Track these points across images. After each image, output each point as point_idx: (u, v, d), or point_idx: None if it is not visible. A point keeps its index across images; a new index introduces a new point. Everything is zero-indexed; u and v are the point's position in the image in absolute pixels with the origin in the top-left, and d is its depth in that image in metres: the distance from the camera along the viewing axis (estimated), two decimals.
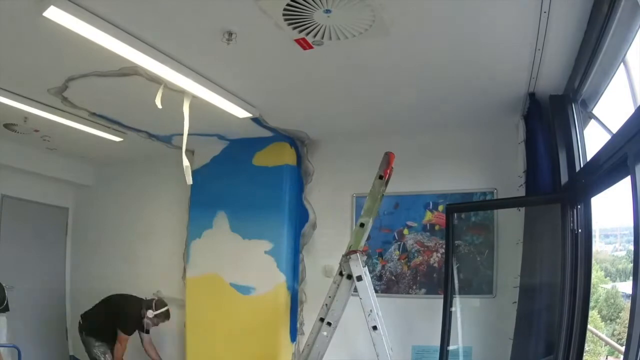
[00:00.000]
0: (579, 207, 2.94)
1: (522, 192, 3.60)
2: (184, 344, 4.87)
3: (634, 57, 2.32)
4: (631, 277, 2.04)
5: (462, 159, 4.31)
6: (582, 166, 3.05)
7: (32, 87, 3.63)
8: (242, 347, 4.51)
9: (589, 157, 3.02)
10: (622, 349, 3.19)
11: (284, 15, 2.47)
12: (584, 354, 2.91)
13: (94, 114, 4.16)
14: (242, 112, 3.90)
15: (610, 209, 3.45)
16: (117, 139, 4.88)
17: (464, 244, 4.16)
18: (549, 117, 3.36)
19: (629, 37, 2.25)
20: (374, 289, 4.40)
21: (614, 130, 2.40)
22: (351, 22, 2.54)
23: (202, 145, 5.06)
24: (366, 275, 3.13)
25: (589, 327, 3.07)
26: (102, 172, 6.21)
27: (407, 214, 4.44)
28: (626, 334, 2.06)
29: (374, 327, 2.81)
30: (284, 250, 4.59)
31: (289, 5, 2.38)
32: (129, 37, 2.72)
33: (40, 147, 5.30)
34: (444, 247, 4.01)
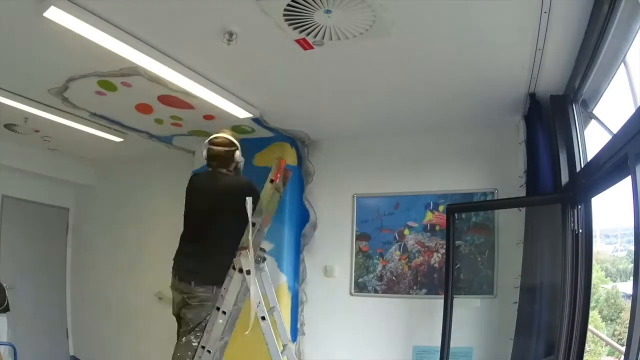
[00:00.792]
0: (580, 207, 2.94)
1: (522, 193, 3.60)
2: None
3: (634, 57, 2.32)
4: (632, 277, 2.04)
5: (463, 159, 4.31)
6: (582, 166, 3.05)
7: (32, 87, 3.64)
8: (243, 347, 4.50)
9: (589, 158, 3.02)
10: (623, 349, 3.19)
11: (285, 15, 2.48)
12: (585, 354, 2.91)
13: (94, 114, 4.16)
14: (242, 113, 3.91)
15: (610, 209, 3.45)
16: (118, 139, 4.89)
17: (465, 244, 4.16)
18: (549, 118, 3.36)
19: (630, 37, 2.25)
20: (375, 290, 4.43)
21: (615, 130, 2.40)
22: (352, 22, 2.54)
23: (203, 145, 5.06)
24: (262, 270, 3.43)
25: (590, 327, 3.07)
26: (102, 172, 6.22)
27: (408, 214, 4.43)
28: (626, 334, 2.06)
29: (262, 318, 3.05)
30: (285, 250, 4.59)
31: (289, 5, 2.38)
32: (130, 38, 2.72)
33: (40, 147, 5.31)
34: (445, 247, 4.01)
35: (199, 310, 3.27)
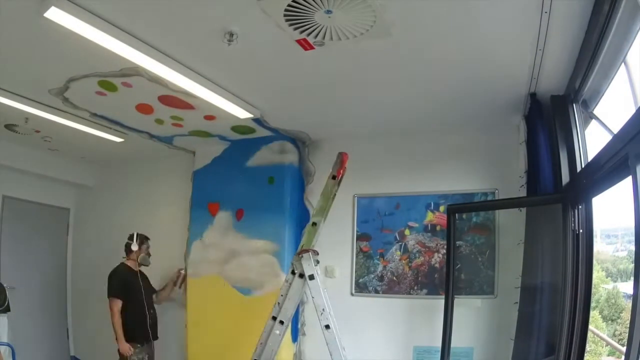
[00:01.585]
0: (580, 207, 2.94)
1: (523, 193, 3.60)
2: (184, 345, 4.87)
3: (634, 57, 2.32)
4: (632, 278, 2.04)
5: (463, 159, 4.31)
6: (583, 166, 3.05)
7: (33, 87, 3.63)
8: (243, 348, 4.50)
9: (590, 158, 3.02)
10: (623, 349, 3.19)
11: (285, 15, 2.48)
12: (585, 355, 2.91)
13: (94, 114, 4.16)
14: (243, 113, 3.91)
15: (611, 209, 3.45)
16: (118, 140, 4.89)
17: (465, 244, 4.16)
18: (550, 118, 3.36)
19: (630, 38, 2.25)
20: (376, 290, 4.43)
21: (615, 130, 2.40)
22: (352, 22, 2.54)
23: (203, 146, 5.07)
24: (318, 274, 3.17)
25: (590, 327, 3.07)
26: (103, 172, 6.22)
27: (408, 215, 4.43)
28: (627, 335, 2.06)
29: (327, 326, 2.88)
30: (286, 250, 4.59)
31: (290, 5, 2.38)
32: (130, 38, 2.72)
33: (41, 147, 5.31)
34: (445, 247, 4.01)
35: None
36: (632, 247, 2.10)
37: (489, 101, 3.72)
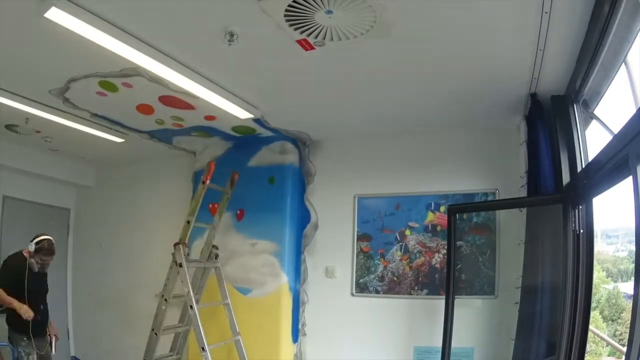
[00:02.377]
0: (581, 207, 2.94)
1: (523, 193, 3.60)
2: (185, 345, 4.87)
3: (635, 57, 2.32)
4: (633, 278, 2.04)
5: (464, 159, 4.31)
6: (583, 167, 3.05)
7: (33, 88, 3.64)
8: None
9: (590, 158, 3.01)
10: (624, 349, 3.19)
11: (286, 16, 2.48)
12: (586, 355, 2.91)
13: (95, 114, 4.17)
14: (243, 113, 3.91)
15: (612, 209, 3.45)
16: (119, 140, 4.89)
17: (466, 244, 4.15)
18: (550, 118, 3.35)
19: (630, 38, 2.25)
20: (376, 290, 4.43)
21: (616, 130, 2.40)
22: (353, 23, 2.54)
23: (204, 146, 5.07)
24: (189, 262, 4.18)
25: (591, 327, 3.07)
26: (103, 172, 6.23)
27: (409, 215, 4.43)
28: (627, 335, 2.06)
29: (191, 307, 3.78)
30: (287, 250, 4.59)
31: (290, 6, 2.38)
32: (131, 38, 2.72)
33: (41, 148, 5.31)
34: (446, 247, 4.01)
35: None
36: (633, 247, 2.10)
37: (489, 101, 3.72)
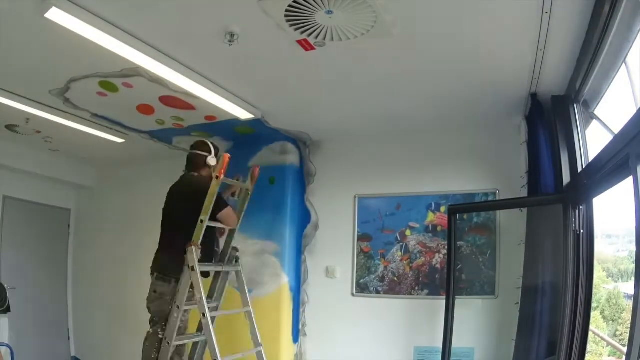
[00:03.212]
0: (581, 207, 2.94)
1: (524, 193, 3.60)
2: (185, 345, 4.86)
3: (635, 57, 2.32)
4: (633, 278, 2.04)
5: (464, 159, 4.31)
6: (584, 167, 3.05)
7: (33, 88, 3.64)
8: (244, 348, 4.51)
9: (591, 158, 3.02)
10: (624, 349, 3.18)
11: (286, 16, 2.48)
12: (586, 355, 2.91)
13: (95, 115, 4.17)
14: (244, 114, 3.91)
15: (612, 210, 3.45)
16: (119, 140, 4.89)
17: (466, 244, 4.15)
18: (551, 118, 3.36)
19: (631, 38, 2.25)
20: (377, 290, 4.43)
21: (616, 131, 2.40)
22: (353, 23, 2.54)
23: None
24: (206, 266, 3.58)
25: (591, 327, 3.07)
26: (104, 173, 6.23)
27: (409, 215, 4.43)
28: (628, 335, 2.06)
29: (203, 314, 3.23)
30: (287, 251, 4.59)
31: (290, 6, 2.38)
32: (131, 39, 2.73)
33: (42, 148, 5.31)
34: (446, 248, 4.01)
35: (159, 303, 3.39)
36: (633, 248, 2.10)
37: (489, 101, 3.72)
